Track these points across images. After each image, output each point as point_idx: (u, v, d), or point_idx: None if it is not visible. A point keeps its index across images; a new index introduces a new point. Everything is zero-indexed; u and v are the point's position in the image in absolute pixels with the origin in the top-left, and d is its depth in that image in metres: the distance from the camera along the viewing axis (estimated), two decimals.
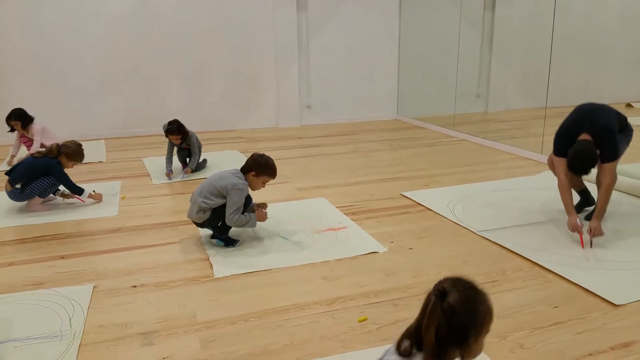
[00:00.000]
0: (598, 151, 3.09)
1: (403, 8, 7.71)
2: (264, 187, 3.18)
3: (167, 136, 4.76)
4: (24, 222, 3.67)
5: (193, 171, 4.83)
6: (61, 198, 4.11)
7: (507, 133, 6.58)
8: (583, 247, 3.03)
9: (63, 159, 3.90)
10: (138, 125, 6.88)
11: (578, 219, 3.11)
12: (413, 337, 1.40)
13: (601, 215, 3.12)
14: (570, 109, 3.44)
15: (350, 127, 7.36)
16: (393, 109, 8.09)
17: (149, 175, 4.88)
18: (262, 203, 3.34)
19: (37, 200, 3.89)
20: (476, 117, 7.47)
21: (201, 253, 3.07)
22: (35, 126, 5.31)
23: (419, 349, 1.38)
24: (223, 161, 5.33)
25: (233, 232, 3.22)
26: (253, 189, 3.15)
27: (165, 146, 4.90)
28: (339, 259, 2.95)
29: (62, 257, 3.06)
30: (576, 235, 3.09)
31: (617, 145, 3.14)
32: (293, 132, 7.10)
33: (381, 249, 3.08)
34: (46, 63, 6.50)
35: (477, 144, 6.16)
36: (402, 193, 4.17)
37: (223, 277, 2.74)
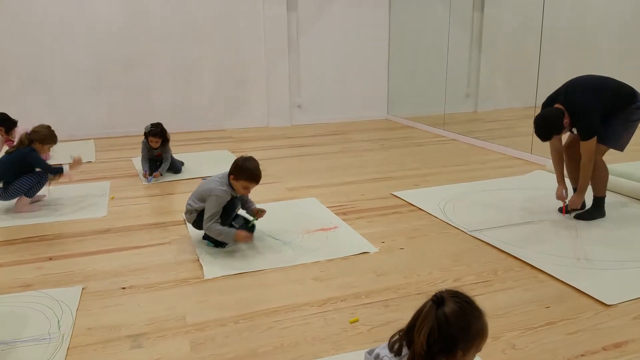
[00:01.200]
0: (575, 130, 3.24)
1: (393, 8, 7.72)
2: (246, 192, 3.07)
3: (146, 137, 4.63)
4: (12, 223, 3.62)
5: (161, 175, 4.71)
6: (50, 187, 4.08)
7: (497, 133, 6.61)
8: (564, 214, 3.47)
9: (37, 146, 3.81)
10: (127, 124, 6.82)
11: (564, 190, 3.46)
12: (405, 337, 1.43)
13: (582, 191, 3.37)
14: None
15: (341, 127, 7.36)
16: (383, 109, 8.10)
17: (138, 175, 4.84)
18: (262, 210, 3.22)
19: (25, 200, 3.84)
20: (466, 116, 7.50)
21: (191, 254, 3.04)
22: (19, 129, 5.25)
23: (409, 348, 1.40)
24: (213, 161, 5.30)
25: None
26: (238, 193, 3.08)
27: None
28: (330, 260, 2.94)
29: (51, 259, 3.02)
30: (566, 231, 3.12)
31: (590, 125, 3.20)
32: (283, 132, 7.08)
33: (372, 249, 3.07)
34: (34, 62, 6.42)
35: (467, 143, 6.18)
36: (392, 193, 4.17)
37: (213, 279, 2.72)
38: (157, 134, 4.59)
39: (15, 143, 5.15)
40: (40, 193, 4.09)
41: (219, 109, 7.26)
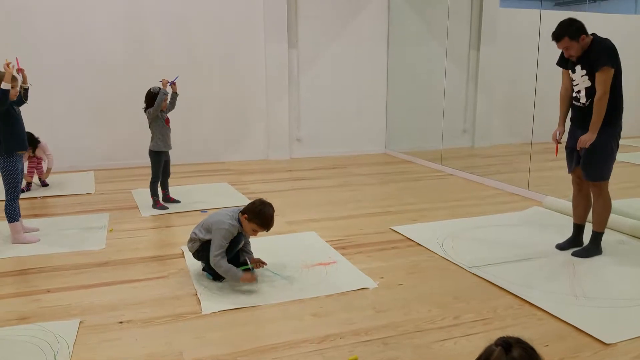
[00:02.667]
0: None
1: (391, 45, 7.90)
2: (254, 235, 3.08)
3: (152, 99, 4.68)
4: (9, 254, 3.60)
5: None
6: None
7: (494, 168, 6.67)
8: (556, 155, 3.54)
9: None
10: (127, 157, 6.87)
11: (558, 132, 3.54)
12: None
13: (594, 129, 3.29)
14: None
15: (340, 161, 7.42)
16: (382, 143, 8.18)
17: (137, 207, 4.85)
18: (259, 260, 3.19)
19: (20, 230, 3.83)
20: (463, 152, 7.59)
21: (189, 288, 3.03)
22: (42, 144, 5.54)
23: None
24: (212, 193, 5.32)
25: None
26: (245, 233, 3.09)
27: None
28: (329, 295, 2.93)
29: (48, 291, 3.01)
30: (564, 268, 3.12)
31: (606, 55, 3.22)
32: (283, 165, 7.13)
33: (371, 284, 3.07)
34: (36, 93, 6.46)
35: (464, 178, 6.23)
36: (391, 227, 4.18)
37: (211, 314, 2.71)
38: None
39: (49, 159, 5.42)
40: (32, 226, 4.10)
41: (219, 142, 7.33)
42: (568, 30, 3.26)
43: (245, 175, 6.37)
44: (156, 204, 4.75)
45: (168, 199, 4.88)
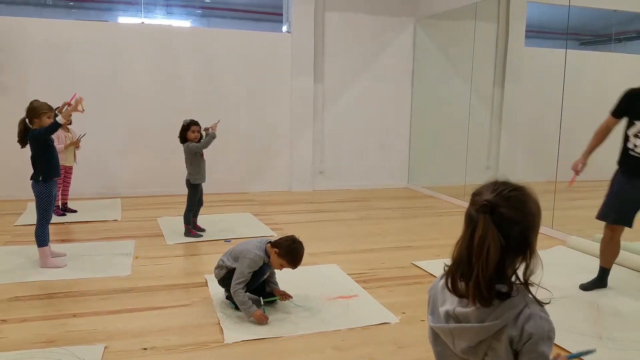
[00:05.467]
0: None
1: (415, 82, 8.02)
2: (280, 269, 3.12)
3: (188, 129, 4.79)
4: (37, 278, 3.70)
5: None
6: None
7: None
8: (570, 185, 3.73)
9: (36, 122, 3.83)
10: (153, 185, 7.03)
11: (580, 164, 3.61)
12: (456, 270, 1.22)
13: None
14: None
15: (362, 194, 7.45)
16: (404, 178, 8.21)
17: (162, 235, 4.94)
18: (285, 293, 3.23)
19: (48, 255, 3.91)
20: None
21: (212, 317, 3.06)
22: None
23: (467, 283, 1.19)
24: (235, 223, 5.40)
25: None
26: (271, 266, 3.14)
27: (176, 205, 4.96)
28: (351, 329, 2.93)
29: (74, 315, 3.07)
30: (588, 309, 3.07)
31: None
32: (305, 197, 7.20)
33: (393, 319, 3.06)
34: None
35: None
36: (413, 262, 4.17)
37: (233, 343, 2.73)
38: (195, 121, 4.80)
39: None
40: (59, 251, 4.19)
41: (243, 173, 7.45)
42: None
43: (269, 206, 6.44)
44: (190, 232, 4.85)
45: (195, 227, 4.97)
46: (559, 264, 4.20)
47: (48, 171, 3.87)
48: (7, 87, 6.49)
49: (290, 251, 3.01)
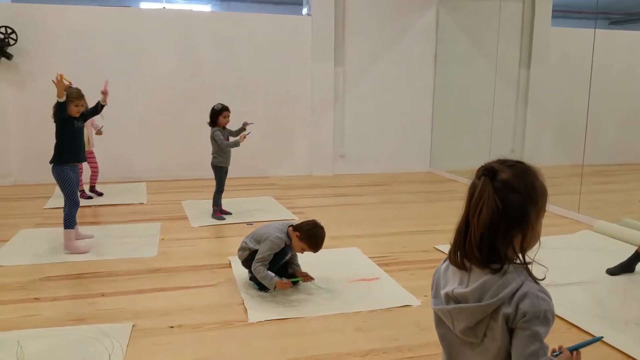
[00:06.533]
0: None
1: (438, 64, 7.90)
2: (301, 252, 3.17)
3: (220, 114, 4.83)
4: (67, 259, 3.81)
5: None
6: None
7: None
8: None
9: (70, 108, 3.93)
10: (178, 169, 7.13)
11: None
12: (460, 244, 1.23)
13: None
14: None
15: (383, 178, 7.43)
16: (426, 162, 8.15)
17: (187, 218, 5.02)
18: (307, 275, 3.25)
19: (72, 238, 3.97)
20: None
21: (236, 297, 3.12)
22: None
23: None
24: (257, 207, 5.45)
25: None
26: (293, 249, 3.18)
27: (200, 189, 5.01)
28: (372, 310, 2.95)
29: (103, 295, 3.16)
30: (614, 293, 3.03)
31: None
32: (326, 181, 7.21)
33: (415, 302, 3.07)
34: None
35: None
36: (435, 246, 4.17)
37: (257, 322, 2.78)
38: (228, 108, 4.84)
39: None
40: (87, 233, 4.28)
41: (264, 157, 7.49)
42: None
43: (290, 190, 6.47)
44: (215, 214, 4.92)
45: (221, 210, 5.02)
46: (585, 249, 4.15)
47: (61, 155, 3.94)
48: (32, 73, 6.62)
49: (311, 235, 3.05)
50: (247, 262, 3.20)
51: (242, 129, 4.97)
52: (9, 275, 3.47)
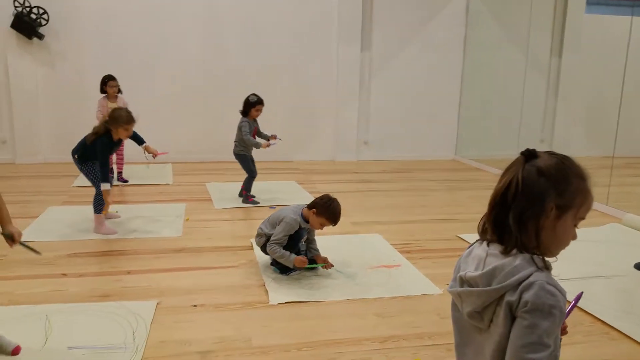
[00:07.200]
0: None
1: (467, 50, 7.75)
2: (320, 228, 3.18)
3: (254, 106, 4.83)
4: (94, 237, 3.89)
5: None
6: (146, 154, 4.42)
7: None
8: None
9: (113, 131, 3.87)
10: (202, 152, 7.19)
11: None
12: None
13: None
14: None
15: (407, 165, 7.37)
16: (451, 150, 8.05)
17: (211, 199, 5.07)
18: (327, 260, 3.25)
19: (102, 222, 3.98)
20: None
21: (257, 279, 3.15)
22: (121, 96, 5.71)
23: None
24: (280, 191, 5.48)
25: None
26: (312, 227, 3.19)
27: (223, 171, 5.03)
28: (392, 297, 2.95)
29: (129, 272, 3.23)
30: None
31: None
32: (349, 167, 7.19)
33: (436, 290, 3.06)
34: (123, 90, 6.93)
35: None
36: (458, 235, 4.13)
37: (278, 304, 2.81)
38: (262, 101, 4.86)
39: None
40: (113, 211, 4.34)
41: (288, 142, 7.47)
42: None
43: (313, 175, 6.48)
44: (247, 199, 4.94)
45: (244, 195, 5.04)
46: (612, 242, 4.06)
47: (105, 176, 3.87)
48: (62, 53, 6.73)
49: (327, 208, 3.07)
50: (265, 247, 3.22)
51: (271, 137, 4.97)
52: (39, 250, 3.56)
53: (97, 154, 3.87)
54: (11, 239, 2.21)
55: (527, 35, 6.87)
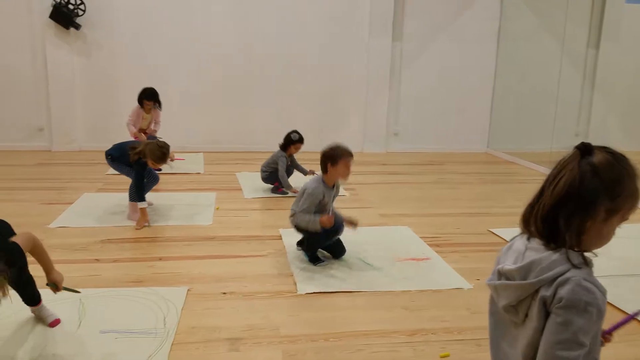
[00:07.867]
0: None
1: (501, 42, 7.58)
2: (349, 172, 3.20)
3: (294, 144, 4.96)
4: (128, 224, 3.97)
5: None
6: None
7: None
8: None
9: (149, 161, 3.92)
10: (232, 141, 7.25)
11: None
12: (530, 210, 1.22)
13: None
14: None
15: (437, 157, 7.28)
16: (483, 142, 7.91)
17: (241, 189, 5.12)
18: (353, 221, 3.24)
19: (137, 210, 4.01)
20: None
21: (286, 268, 3.17)
22: (157, 111, 5.89)
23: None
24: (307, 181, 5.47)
25: (319, 253, 3.30)
26: (341, 178, 3.21)
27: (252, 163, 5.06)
28: (421, 290, 2.93)
29: (161, 259, 3.29)
30: None
31: None
32: (378, 158, 7.15)
33: (466, 285, 3.02)
34: (153, 82, 6.96)
35: None
36: (489, 229, 4.06)
37: (306, 294, 2.82)
38: (303, 140, 4.97)
39: (158, 125, 5.81)
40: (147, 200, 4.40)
41: (316, 132, 7.47)
42: None
43: None
44: (277, 189, 4.99)
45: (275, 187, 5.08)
46: None
47: (141, 195, 3.90)
48: (97, 43, 6.86)
49: (336, 152, 3.15)
50: (298, 228, 3.24)
51: (309, 172, 5.06)
52: (74, 236, 3.67)
53: (134, 173, 3.96)
54: (55, 287, 2.31)
55: (563, 26, 6.66)
